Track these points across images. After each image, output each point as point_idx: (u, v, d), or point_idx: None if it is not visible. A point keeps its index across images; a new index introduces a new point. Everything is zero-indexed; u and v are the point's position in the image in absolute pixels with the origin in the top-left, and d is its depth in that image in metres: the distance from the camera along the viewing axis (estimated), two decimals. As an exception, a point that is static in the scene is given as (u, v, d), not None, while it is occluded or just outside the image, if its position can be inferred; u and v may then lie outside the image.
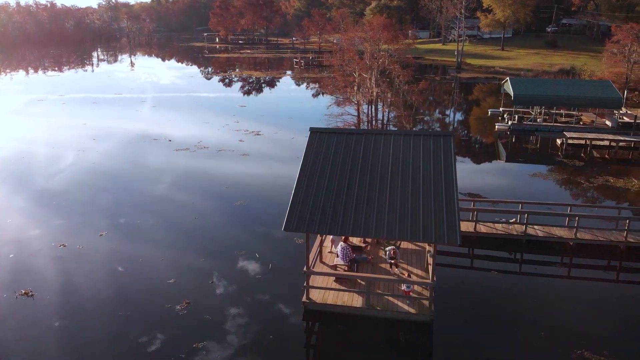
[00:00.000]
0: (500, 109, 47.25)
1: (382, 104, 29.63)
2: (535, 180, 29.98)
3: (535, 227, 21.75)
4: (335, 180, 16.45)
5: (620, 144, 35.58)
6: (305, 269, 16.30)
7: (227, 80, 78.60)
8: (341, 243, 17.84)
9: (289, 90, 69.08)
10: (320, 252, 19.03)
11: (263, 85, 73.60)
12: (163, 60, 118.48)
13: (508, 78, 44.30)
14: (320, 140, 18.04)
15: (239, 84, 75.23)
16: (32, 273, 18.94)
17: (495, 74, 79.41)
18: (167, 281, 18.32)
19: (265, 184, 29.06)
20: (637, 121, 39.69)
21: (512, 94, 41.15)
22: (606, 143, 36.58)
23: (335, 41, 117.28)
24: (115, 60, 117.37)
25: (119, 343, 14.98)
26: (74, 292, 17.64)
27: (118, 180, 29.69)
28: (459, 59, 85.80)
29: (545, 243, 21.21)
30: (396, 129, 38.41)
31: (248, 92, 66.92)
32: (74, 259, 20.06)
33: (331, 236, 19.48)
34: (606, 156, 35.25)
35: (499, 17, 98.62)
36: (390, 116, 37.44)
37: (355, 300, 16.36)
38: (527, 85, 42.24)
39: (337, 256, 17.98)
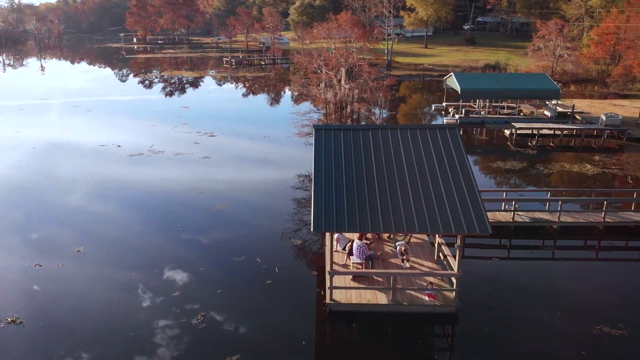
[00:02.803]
0: (444, 104, 48.96)
1: (351, 101, 29.59)
2: (500, 169, 31.29)
3: (520, 213, 22.66)
4: (353, 177, 16.16)
5: (565, 132, 38.04)
6: (329, 269, 15.85)
7: (157, 82, 75.13)
8: (356, 241, 17.55)
9: (227, 90, 67.48)
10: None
11: (198, 85, 71.22)
12: (77, 62, 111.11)
13: (452, 73, 45.94)
14: (327, 137, 17.65)
15: (172, 85, 72.30)
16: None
17: (425, 71, 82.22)
18: (172, 294, 17.14)
19: (240, 186, 28.08)
20: (573, 111, 42.69)
21: (458, 88, 42.65)
22: (549, 132, 38.94)
23: (263, 40, 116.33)
24: (22, 65, 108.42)
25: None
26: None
27: (79, 194, 27.48)
28: (389, 57, 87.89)
29: (532, 228, 22.17)
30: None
31: (185, 93, 64.53)
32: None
33: (336, 235, 19.13)
34: (551, 144, 37.52)
35: (422, 15, 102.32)
36: (360, 112, 37.72)
37: (379, 298, 16.17)
38: (472, 79, 44.09)
39: (352, 254, 17.68)
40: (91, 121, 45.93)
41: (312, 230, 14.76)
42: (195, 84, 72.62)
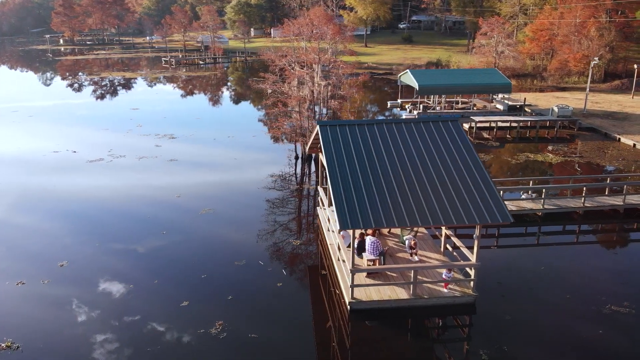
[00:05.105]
0: (399, 100, 49.79)
1: (325, 98, 29.42)
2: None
3: (506, 202, 23.33)
4: (368, 173, 15.97)
5: (521, 124, 39.71)
6: (350, 267, 15.56)
7: (96, 84, 71.10)
8: (369, 237, 17.34)
9: (173, 91, 65.02)
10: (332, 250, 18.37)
11: (141, 86, 68.31)
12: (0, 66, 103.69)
13: (408, 70, 46.74)
14: (333, 133, 17.37)
15: (114, 87, 68.84)
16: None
17: (369, 69, 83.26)
18: (180, 304, 16.19)
19: (218, 188, 27.15)
20: (524, 104, 44.71)
21: (416, 85, 43.41)
22: (504, 124, 40.49)
23: (200, 39, 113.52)
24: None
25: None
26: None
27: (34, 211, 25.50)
28: (334, 56, 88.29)
29: (517, 216, 22.84)
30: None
31: (130, 95, 61.67)
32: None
33: (341, 232, 18.86)
34: (508, 136, 39.01)
35: (361, 14, 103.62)
36: (334, 109, 37.65)
37: (399, 293, 16.07)
38: (429, 76, 45.03)
39: (364, 251, 17.46)
40: (36, 127, 42.86)
41: (338, 229, 14.45)
42: (138, 85, 69.70)
